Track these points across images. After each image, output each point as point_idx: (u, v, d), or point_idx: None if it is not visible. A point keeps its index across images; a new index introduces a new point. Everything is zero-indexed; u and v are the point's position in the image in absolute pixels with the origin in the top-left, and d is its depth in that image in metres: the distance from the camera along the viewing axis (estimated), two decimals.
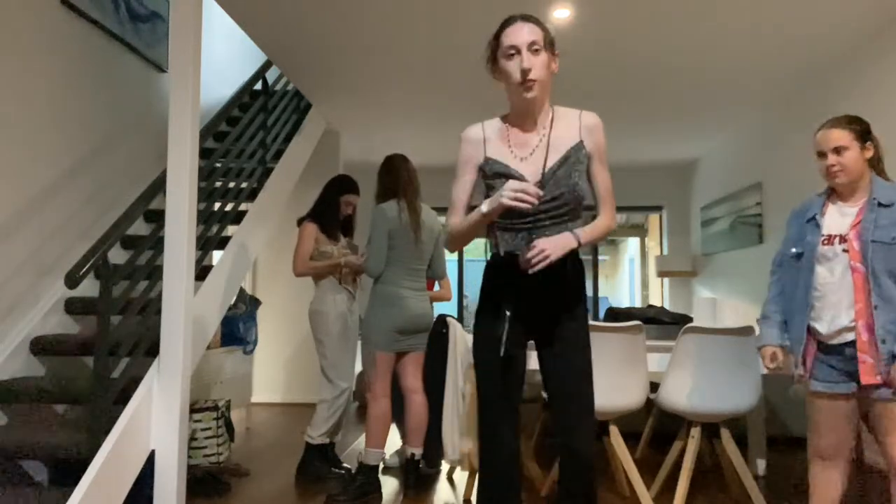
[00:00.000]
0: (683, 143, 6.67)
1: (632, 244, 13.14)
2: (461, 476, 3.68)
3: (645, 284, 11.44)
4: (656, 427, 4.30)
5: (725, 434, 3.04)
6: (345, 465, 3.69)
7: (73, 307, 3.47)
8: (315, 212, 3.75)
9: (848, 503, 3.22)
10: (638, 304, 12.54)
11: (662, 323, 3.29)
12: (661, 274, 7.50)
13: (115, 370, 2.76)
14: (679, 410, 2.93)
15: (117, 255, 3.83)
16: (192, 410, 3.43)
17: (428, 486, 3.47)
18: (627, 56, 4.38)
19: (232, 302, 4.15)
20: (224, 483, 3.42)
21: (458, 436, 3.29)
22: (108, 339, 2.63)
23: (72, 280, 2.55)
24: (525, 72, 1.78)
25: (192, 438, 3.39)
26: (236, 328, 4.89)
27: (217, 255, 4.00)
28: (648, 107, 5.45)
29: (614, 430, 3.03)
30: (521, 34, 1.80)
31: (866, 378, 2.08)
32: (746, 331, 2.83)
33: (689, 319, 3.30)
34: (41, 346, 3.17)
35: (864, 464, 3.46)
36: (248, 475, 3.70)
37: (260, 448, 4.37)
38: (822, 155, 2.20)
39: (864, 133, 2.17)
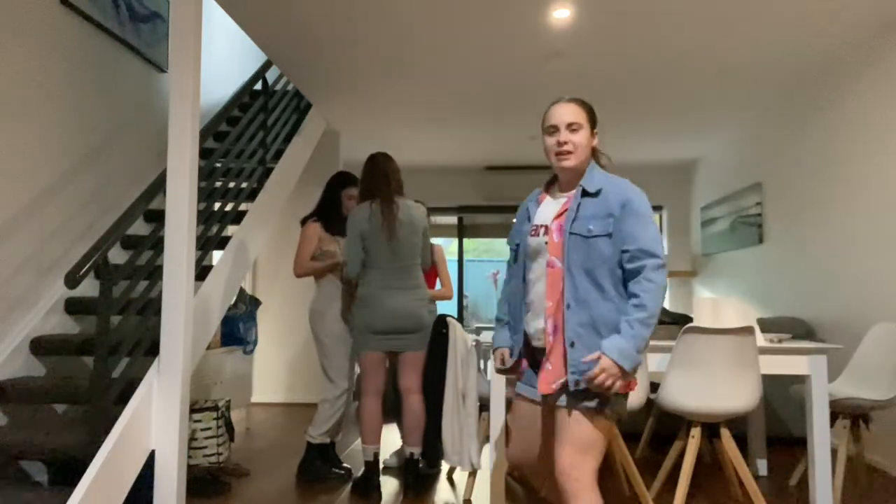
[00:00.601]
0: (683, 143, 6.67)
1: None
2: (461, 476, 3.68)
3: None
4: (656, 427, 4.30)
5: (725, 434, 3.04)
6: (345, 464, 3.69)
7: (73, 307, 3.47)
8: (318, 211, 3.76)
9: (848, 503, 3.22)
10: None
11: (662, 323, 3.28)
12: None
13: (115, 370, 2.77)
14: (679, 410, 2.93)
15: (117, 255, 3.83)
16: (192, 410, 3.43)
17: (428, 486, 3.47)
18: (627, 56, 4.38)
19: (232, 302, 4.14)
20: (224, 483, 3.42)
21: (461, 437, 3.29)
22: (108, 339, 2.63)
23: (72, 280, 2.55)
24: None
25: (192, 438, 3.39)
26: (236, 328, 4.89)
27: (217, 255, 4.00)
28: (648, 107, 5.45)
29: (614, 430, 3.03)
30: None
31: (542, 386, 1.87)
32: (746, 331, 2.83)
33: (689, 319, 3.30)
34: (41, 346, 3.17)
35: (864, 464, 3.46)
36: (248, 475, 3.70)
37: (260, 448, 4.37)
38: (552, 130, 1.95)
39: (594, 118, 2.00)
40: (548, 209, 1.98)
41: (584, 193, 1.91)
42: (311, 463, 3.58)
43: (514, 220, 2.08)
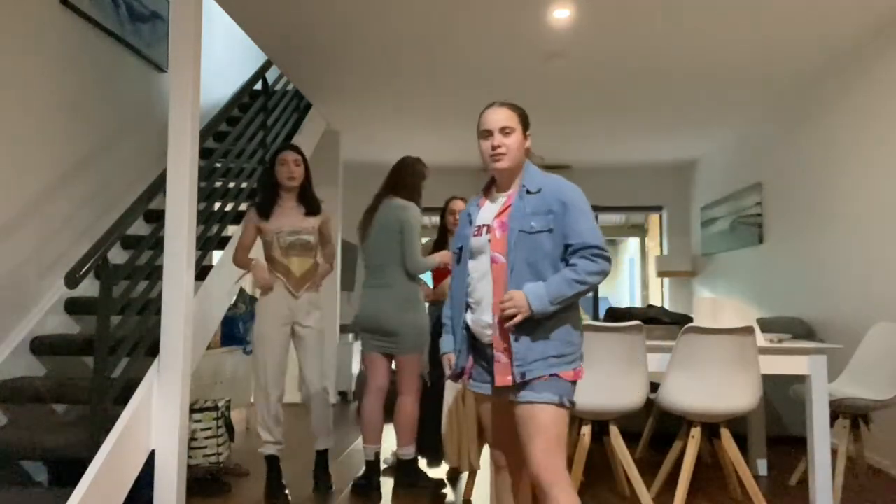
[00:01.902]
0: (683, 143, 6.67)
1: (632, 244, 13.14)
2: (460, 476, 3.68)
3: (645, 284, 11.44)
4: (656, 427, 4.30)
5: (725, 434, 3.04)
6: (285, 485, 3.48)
7: (73, 307, 3.47)
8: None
9: (848, 503, 3.22)
10: (638, 304, 12.54)
11: (662, 323, 3.28)
12: (661, 274, 7.50)
13: (115, 370, 2.77)
14: (679, 410, 2.93)
15: (117, 255, 3.83)
16: (192, 410, 3.43)
17: (417, 487, 3.46)
18: (627, 56, 4.38)
19: (232, 302, 4.15)
20: (224, 483, 3.42)
21: (461, 437, 3.29)
22: (108, 339, 2.63)
23: (72, 280, 2.55)
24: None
25: (192, 438, 3.39)
26: (236, 328, 4.89)
27: (217, 255, 4.00)
28: (648, 107, 5.45)
29: (614, 430, 3.03)
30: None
31: (499, 379, 1.92)
32: (746, 331, 2.83)
33: (689, 319, 3.30)
34: (41, 346, 3.17)
35: (864, 464, 3.46)
36: (248, 475, 3.70)
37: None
38: (487, 134, 2.02)
39: (526, 121, 2.08)
40: (488, 210, 2.06)
41: (526, 192, 1.99)
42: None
43: (459, 227, 2.13)
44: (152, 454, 2.76)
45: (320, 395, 3.37)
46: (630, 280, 13.81)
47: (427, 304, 3.64)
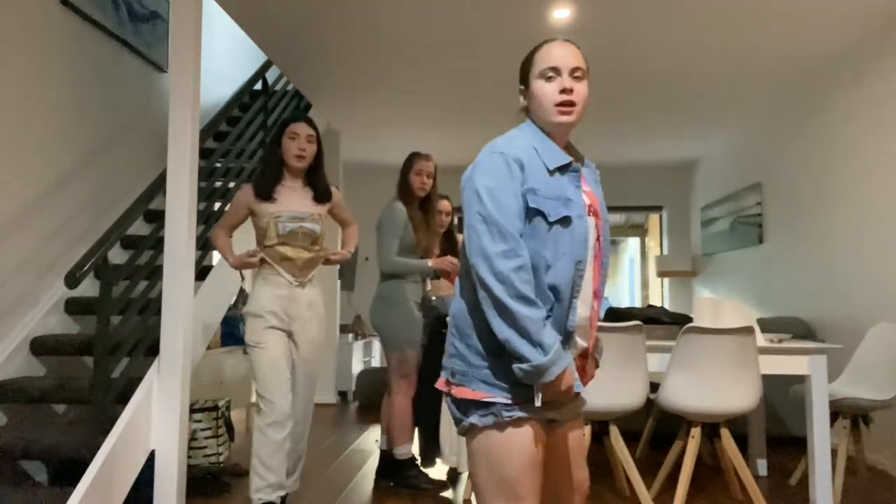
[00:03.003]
0: (683, 143, 6.67)
1: (632, 244, 13.13)
2: (460, 476, 3.68)
3: (645, 284, 11.43)
4: (656, 427, 4.30)
5: (725, 434, 3.04)
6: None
7: (73, 307, 3.47)
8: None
9: (848, 503, 3.22)
10: (638, 304, 12.53)
11: (662, 323, 3.28)
12: (661, 274, 7.50)
13: (115, 370, 2.77)
14: (679, 410, 2.93)
15: (117, 255, 3.83)
16: (192, 410, 3.43)
17: (426, 487, 3.46)
18: (627, 56, 4.38)
19: (232, 302, 4.15)
20: (224, 483, 3.42)
21: (460, 437, 3.29)
22: (108, 339, 2.63)
23: (72, 280, 2.55)
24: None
25: (192, 438, 3.39)
26: (236, 328, 4.89)
27: (217, 255, 4.00)
28: (649, 107, 5.45)
29: (614, 430, 3.03)
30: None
31: (586, 380, 1.59)
32: (746, 331, 2.83)
33: (689, 319, 3.30)
34: (41, 346, 3.17)
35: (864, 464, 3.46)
36: (248, 475, 3.70)
37: None
38: (551, 73, 1.48)
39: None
40: (583, 185, 1.54)
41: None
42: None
43: (528, 177, 1.43)
44: (152, 454, 2.76)
45: (301, 435, 2.92)
46: (630, 280, 13.80)
47: (421, 300, 3.52)
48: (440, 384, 1.54)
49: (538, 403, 1.39)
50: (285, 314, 2.79)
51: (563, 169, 1.48)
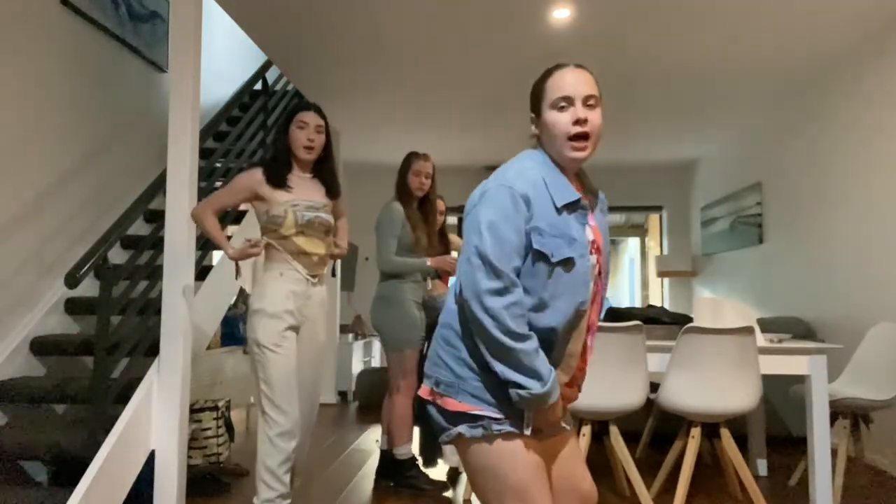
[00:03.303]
0: (683, 143, 6.67)
1: (632, 244, 13.13)
2: (460, 476, 3.68)
3: (645, 284, 11.43)
4: (656, 427, 4.30)
5: (725, 434, 3.04)
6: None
7: (73, 307, 3.47)
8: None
9: (848, 503, 3.22)
10: (638, 304, 12.53)
11: (662, 323, 3.28)
12: (661, 274, 7.50)
13: (115, 370, 2.77)
14: (679, 410, 2.93)
15: (117, 255, 3.83)
16: (192, 410, 3.43)
17: (426, 488, 3.46)
18: (627, 56, 4.38)
19: (232, 302, 4.15)
20: (224, 483, 3.42)
21: None
22: (108, 339, 2.63)
23: (72, 280, 2.55)
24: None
25: (192, 438, 3.39)
26: (236, 328, 4.89)
27: (217, 255, 4.00)
28: (649, 107, 5.45)
29: (614, 430, 3.03)
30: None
31: (577, 392, 1.62)
32: (746, 331, 2.83)
33: (689, 319, 3.30)
34: (41, 346, 3.17)
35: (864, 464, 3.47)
36: (248, 475, 3.70)
37: None
38: (564, 103, 1.43)
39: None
40: (590, 220, 1.50)
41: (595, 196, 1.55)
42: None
43: (534, 216, 1.40)
44: (152, 454, 2.76)
45: (305, 439, 2.74)
46: (630, 280, 13.80)
47: (421, 300, 3.51)
48: (423, 392, 1.51)
49: (527, 432, 1.40)
50: (299, 313, 2.56)
51: (571, 206, 1.43)
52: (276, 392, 2.45)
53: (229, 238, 3.62)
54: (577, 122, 1.41)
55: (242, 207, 4.02)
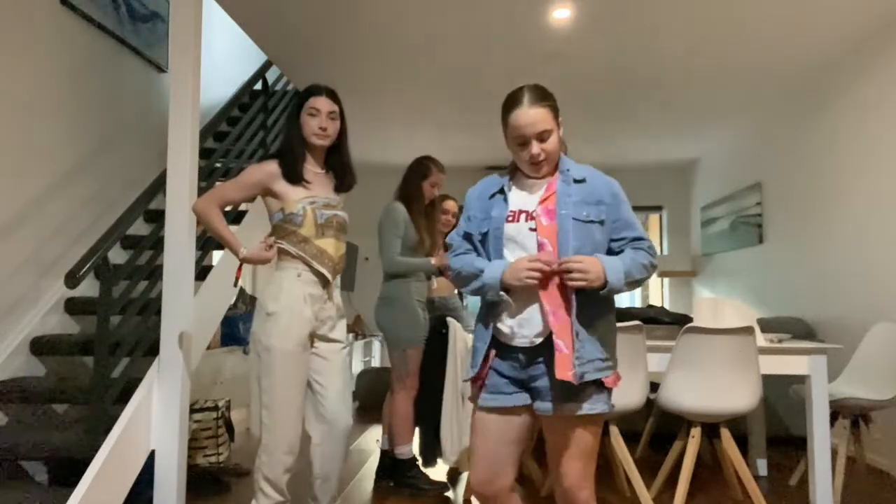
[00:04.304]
0: (683, 143, 6.67)
1: None
2: (460, 476, 3.68)
3: (645, 284, 11.43)
4: (656, 427, 4.30)
5: (725, 434, 3.04)
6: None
7: (73, 307, 3.47)
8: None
9: (848, 503, 3.22)
10: (638, 304, 12.52)
11: (662, 323, 3.28)
12: (661, 274, 7.50)
13: (115, 370, 2.76)
14: (679, 410, 2.93)
15: (117, 255, 3.83)
16: (192, 410, 3.43)
17: (427, 488, 3.46)
18: (627, 56, 4.37)
19: (232, 302, 4.15)
20: (224, 483, 3.42)
21: (460, 437, 3.29)
22: (108, 339, 2.63)
23: (72, 280, 2.55)
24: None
25: (192, 438, 3.39)
26: (236, 328, 4.89)
27: (217, 255, 3.99)
28: (648, 107, 5.44)
29: (614, 430, 3.03)
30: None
31: (560, 372, 1.67)
32: (746, 331, 2.83)
33: (689, 319, 3.30)
34: (41, 346, 3.17)
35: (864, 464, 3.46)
36: (248, 475, 3.70)
37: None
38: (522, 142, 1.77)
39: (557, 109, 1.81)
40: (523, 196, 1.83)
41: (573, 180, 1.80)
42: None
43: (470, 211, 1.89)
44: (152, 454, 2.76)
45: (344, 437, 2.44)
46: None
47: (426, 300, 3.55)
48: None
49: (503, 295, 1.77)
50: (316, 318, 2.38)
51: (497, 193, 1.86)
52: (277, 402, 2.29)
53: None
54: (532, 157, 1.77)
55: (242, 207, 4.03)
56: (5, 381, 2.93)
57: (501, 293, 1.75)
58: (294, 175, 2.37)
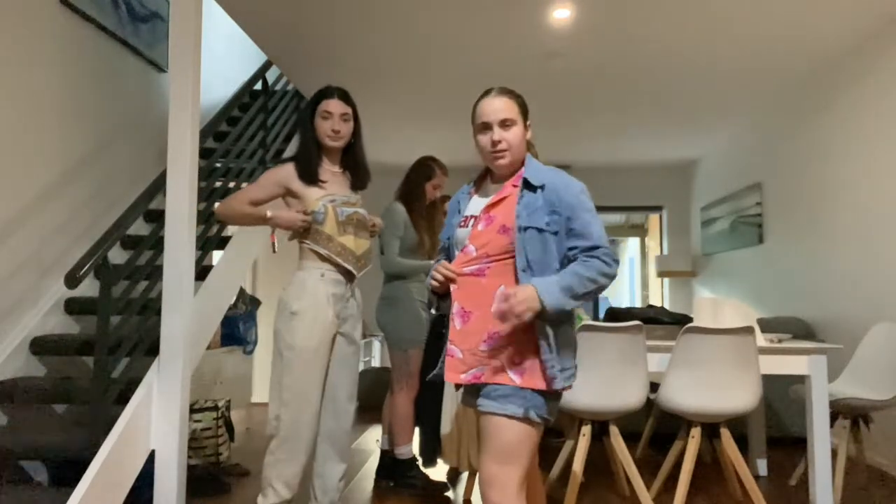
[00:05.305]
0: (683, 143, 6.67)
1: (632, 244, 13.13)
2: (460, 476, 3.68)
3: (645, 284, 11.43)
4: (656, 427, 4.30)
5: (725, 434, 3.04)
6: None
7: (73, 307, 3.47)
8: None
9: (848, 503, 3.22)
10: (638, 304, 12.53)
11: (662, 323, 3.28)
12: (661, 274, 7.50)
13: (115, 370, 2.77)
14: (679, 410, 2.93)
15: (117, 255, 3.83)
16: (192, 410, 3.43)
17: (426, 488, 3.46)
18: (627, 56, 4.38)
19: (232, 302, 4.15)
20: (224, 483, 3.42)
21: (460, 437, 3.29)
22: (108, 339, 2.63)
23: (72, 280, 2.55)
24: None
25: (192, 438, 3.39)
26: (236, 328, 4.88)
27: (217, 255, 3.99)
28: (648, 107, 5.45)
29: (614, 430, 3.03)
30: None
31: (448, 375, 1.83)
32: (746, 331, 2.83)
33: (689, 319, 3.30)
34: (41, 346, 3.17)
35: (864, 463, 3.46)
36: (249, 475, 3.70)
37: (260, 448, 4.37)
38: (484, 128, 1.84)
39: (526, 110, 1.88)
40: (478, 201, 1.90)
41: (527, 186, 1.80)
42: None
43: (448, 217, 1.99)
44: (152, 454, 2.76)
45: (346, 435, 2.52)
46: (630, 280, 13.80)
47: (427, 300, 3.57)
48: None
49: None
50: (338, 317, 2.43)
51: (462, 199, 1.95)
52: (296, 400, 2.31)
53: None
54: (493, 143, 1.82)
55: None
56: (5, 381, 2.93)
57: (432, 297, 1.88)
58: (309, 176, 2.43)
